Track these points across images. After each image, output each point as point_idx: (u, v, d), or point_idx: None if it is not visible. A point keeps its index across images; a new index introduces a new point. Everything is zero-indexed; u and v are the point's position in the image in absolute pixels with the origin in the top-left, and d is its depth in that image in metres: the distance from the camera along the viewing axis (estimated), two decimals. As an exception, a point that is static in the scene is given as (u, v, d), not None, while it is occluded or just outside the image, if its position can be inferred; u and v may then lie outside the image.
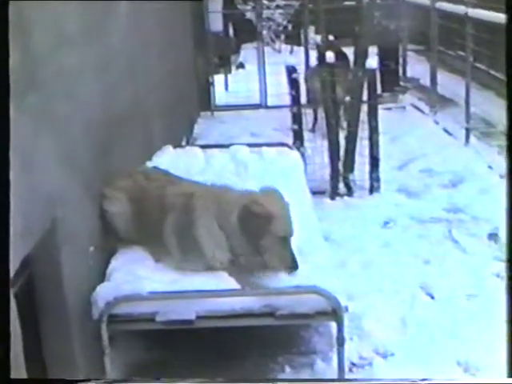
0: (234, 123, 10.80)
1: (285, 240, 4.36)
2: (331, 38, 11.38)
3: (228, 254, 4.38)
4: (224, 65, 13.55)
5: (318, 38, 8.38)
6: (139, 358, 4.64)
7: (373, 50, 11.17)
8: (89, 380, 3.64)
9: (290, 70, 7.57)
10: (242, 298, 4.17)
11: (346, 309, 4.19)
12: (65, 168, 3.90)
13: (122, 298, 4.06)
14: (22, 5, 3.18)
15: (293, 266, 4.33)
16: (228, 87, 13.10)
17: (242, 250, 4.38)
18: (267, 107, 11.71)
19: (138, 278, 4.23)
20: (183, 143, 8.68)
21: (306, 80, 9.31)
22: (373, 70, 7.42)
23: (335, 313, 4.07)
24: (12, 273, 3.01)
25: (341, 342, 4.13)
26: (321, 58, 8.12)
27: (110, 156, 4.92)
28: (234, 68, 14.66)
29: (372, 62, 7.55)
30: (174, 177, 5.07)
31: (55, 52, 3.85)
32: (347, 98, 7.60)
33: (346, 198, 7.50)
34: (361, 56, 7.46)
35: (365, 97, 7.52)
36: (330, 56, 7.65)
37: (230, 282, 4.28)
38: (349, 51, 8.65)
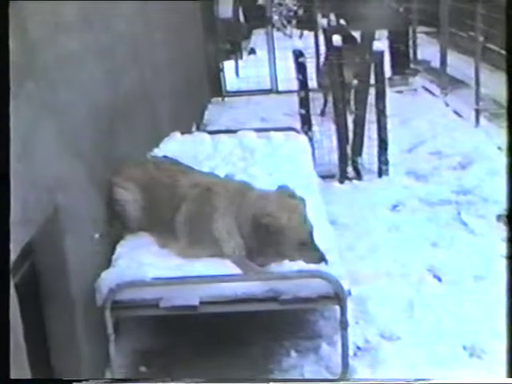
0: (245, 109, 10.80)
1: (304, 243, 4.31)
2: (342, 22, 11.30)
3: (244, 251, 4.38)
4: (235, 51, 13.51)
5: (325, 22, 8.34)
6: (145, 345, 4.66)
7: (383, 33, 11.16)
8: (87, 380, 3.65)
9: (297, 55, 7.53)
10: (245, 283, 4.16)
11: (349, 292, 4.17)
12: (67, 155, 3.90)
13: (125, 284, 4.07)
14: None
15: (321, 262, 4.26)
16: (239, 73, 13.07)
17: (259, 250, 4.36)
18: (278, 92, 11.68)
19: (142, 264, 4.23)
20: (193, 129, 8.67)
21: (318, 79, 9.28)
22: (380, 53, 7.37)
23: (338, 297, 4.07)
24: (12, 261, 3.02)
25: (344, 325, 4.13)
26: (328, 41, 8.06)
27: (115, 142, 4.92)
28: (245, 54, 14.61)
29: (379, 44, 7.50)
30: (185, 166, 5.07)
31: (56, 37, 3.84)
32: (355, 81, 7.56)
33: (354, 181, 7.48)
34: (367, 39, 7.41)
35: (373, 80, 7.47)
36: (337, 39, 7.58)
37: (232, 268, 4.28)
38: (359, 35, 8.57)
